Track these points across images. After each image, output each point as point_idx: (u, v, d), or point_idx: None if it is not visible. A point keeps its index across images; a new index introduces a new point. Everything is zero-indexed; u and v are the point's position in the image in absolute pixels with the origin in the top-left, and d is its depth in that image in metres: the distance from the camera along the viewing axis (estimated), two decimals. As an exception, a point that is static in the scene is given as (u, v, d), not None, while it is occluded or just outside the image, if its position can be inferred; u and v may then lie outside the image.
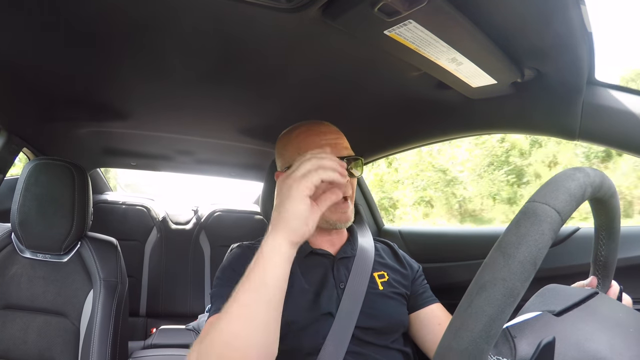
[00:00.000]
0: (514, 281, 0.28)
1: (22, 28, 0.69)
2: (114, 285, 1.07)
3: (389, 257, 0.90)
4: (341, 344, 0.71)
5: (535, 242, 0.29)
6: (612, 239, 0.44)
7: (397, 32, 0.57)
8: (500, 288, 0.27)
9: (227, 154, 1.65)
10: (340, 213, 0.79)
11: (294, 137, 0.84)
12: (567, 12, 0.54)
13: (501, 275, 0.28)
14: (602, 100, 0.67)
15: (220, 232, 2.04)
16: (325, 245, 0.84)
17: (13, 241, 1.08)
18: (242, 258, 0.79)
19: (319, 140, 0.79)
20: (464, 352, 0.27)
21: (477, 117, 0.90)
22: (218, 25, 0.65)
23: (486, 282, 0.28)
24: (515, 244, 0.29)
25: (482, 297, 0.28)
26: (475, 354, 0.26)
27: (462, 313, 0.28)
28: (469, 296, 0.29)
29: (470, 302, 0.28)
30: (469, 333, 0.27)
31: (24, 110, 1.13)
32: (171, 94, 1.00)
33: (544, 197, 0.31)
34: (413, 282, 0.87)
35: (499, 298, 0.27)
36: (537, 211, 0.30)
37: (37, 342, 1.01)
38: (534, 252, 0.28)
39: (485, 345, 0.27)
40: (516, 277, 0.28)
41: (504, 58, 0.65)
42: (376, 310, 0.77)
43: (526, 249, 0.28)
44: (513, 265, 0.28)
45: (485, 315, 0.27)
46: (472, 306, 0.28)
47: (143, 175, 3.23)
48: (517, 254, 0.28)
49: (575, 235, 0.86)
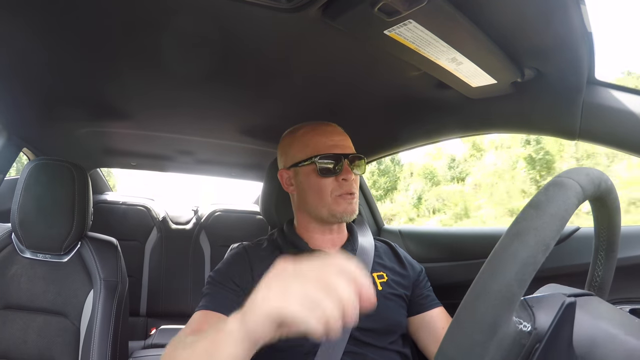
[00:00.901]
0: (545, 231, 0.30)
1: (22, 28, 0.69)
2: (114, 285, 1.07)
3: (389, 257, 0.90)
4: (339, 344, 0.72)
5: (563, 203, 0.32)
6: (610, 258, 0.45)
7: (397, 32, 0.57)
8: (533, 236, 0.30)
9: (227, 154, 1.65)
10: (346, 204, 0.80)
11: (300, 135, 0.85)
12: (567, 12, 0.54)
13: (533, 225, 0.30)
14: (602, 100, 0.67)
15: (220, 232, 2.05)
16: (325, 245, 0.84)
17: (13, 241, 1.08)
18: (237, 261, 0.80)
19: (325, 140, 0.81)
20: (497, 293, 0.28)
21: (477, 116, 0.90)
22: (218, 25, 0.65)
23: (520, 230, 0.30)
24: (545, 202, 0.32)
25: (516, 243, 0.30)
26: (508, 297, 0.28)
27: (497, 257, 0.30)
28: (504, 243, 0.30)
29: (505, 248, 0.30)
30: (504, 276, 0.28)
31: (24, 110, 1.13)
32: (171, 93, 1.00)
33: (569, 174, 0.35)
34: (416, 285, 0.87)
35: (531, 245, 0.29)
36: (563, 182, 0.34)
37: (37, 342, 1.01)
38: (562, 211, 0.31)
39: (517, 290, 0.28)
40: (547, 228, 0.30)
41: (504, 58, 0.65)
42: (374, 311, 0.76)
43: (555, 206, 0.31)
44: (545, 217, 0.31)
45: (520, 259, 0.29)
46: (507, 251, 0.30)
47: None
48: (548, 208, 0.31)
49: (575, 235, 0.86)
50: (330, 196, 0.80)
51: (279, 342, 0.72)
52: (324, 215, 0.82)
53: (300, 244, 0.83)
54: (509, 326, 0.33)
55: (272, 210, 1.04)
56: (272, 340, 0.62)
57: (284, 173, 0.87)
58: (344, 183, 0.79)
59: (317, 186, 0.81)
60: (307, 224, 0.85)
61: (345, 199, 0.80)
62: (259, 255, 0.82)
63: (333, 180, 0.80)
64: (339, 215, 0.80)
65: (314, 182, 0.81)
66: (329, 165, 0.79)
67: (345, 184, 0.79)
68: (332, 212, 0.80)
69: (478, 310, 0.29)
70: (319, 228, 0.84)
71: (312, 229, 0.85)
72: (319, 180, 0.80)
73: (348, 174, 0.79)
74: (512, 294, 0.28)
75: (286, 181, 0.87)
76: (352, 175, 0.79)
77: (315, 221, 0.84)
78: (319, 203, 0.82)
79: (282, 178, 0.88)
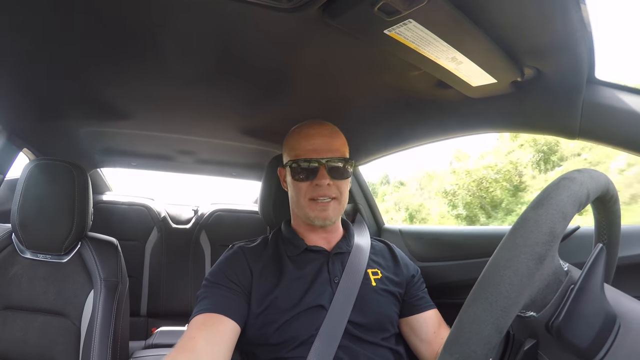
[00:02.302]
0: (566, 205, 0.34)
1: (22, 28, 0.69)
2: (114, 285, 1.07)
3: (386, 256, 0.91)
4: (334, 336, 0.73)
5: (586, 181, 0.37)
6: (611, 256, 0.46)
7: (397, 32, 0.57)
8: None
9: (227, 154, 1.65)
10: (318, 209, 0.81)
11: (289, 137, 0.87)
12: (567, 11, 0.54)
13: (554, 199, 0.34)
14: (602, 99, 0.67)
15: (220, 231, 2.04)
16: (320, 242, 0.86)
17: (13, 242, 1.08)
18: (234, 262, 0.81)
19: (306, 144, 0.82)
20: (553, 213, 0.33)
21: (477, 116, 0.90)
22: (218, 25, 0.65)
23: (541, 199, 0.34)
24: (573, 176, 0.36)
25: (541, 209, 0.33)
26: (555, 229, 0.32)
27: (532, 212, 0.34)
28: (531, 207, 0.34)
29: (536, 211, 0.34)
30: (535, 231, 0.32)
31: (24, 110, 1.13)
32: (171, 93, 1.00)
33: (573, 172, 0.38)
34: (410, 286, 0.88)
35: (566, 194, 0.34)
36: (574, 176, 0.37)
37: (37, 342, 1.01)
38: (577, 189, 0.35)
39: (561, 225, 0.32)
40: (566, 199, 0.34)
41: (504, 57, 0.65)
42: (366, 305, 0.79)
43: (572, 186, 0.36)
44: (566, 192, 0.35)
45: (564, 196, 0.33)
46: (536, 215, 0.33)
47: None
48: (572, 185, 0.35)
49: (575, 234, 0.86)
50: (304, 199, 0.82)
51: (274, 336, 0.73)
52: (302, 217, 0.84)
53: (297, 241, 0.85)
54: (554, 260, 0.36)
55: (270, 210, 1.04)
56: (267, 335, 0.62)
57: (282, 170, 0.90)
58: (317, 188, 0.80)
59: (295, 189, 0.83)
60: (300, 222, 0.87)
61: (317, 204, 0.81)
62: (256, 253, 0.83)
63: (308, 184, 0.81)
64: (312, 219, 0.82)
65: (293, 185, 0.83)
66: (305, 169, 0.81)
67: (318, 189, 0.80)
68: (307, 215, 0.82)
69: (539, 219, 0.32)
70: (310, 227, 0.85)
71: (305, 227, 0.86)
72: (296, 184, 0.83)
73: (322, 179, 0.79)
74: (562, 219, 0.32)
75: (283, 178, 0.90)
76: (327, 181, 0.80)
77: (303, 221, 0.85)
78: (296, 205, 0.85)
79: (280, 175, 0.92)
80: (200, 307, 0.73)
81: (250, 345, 0.77)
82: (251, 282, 0.78)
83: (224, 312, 0.71)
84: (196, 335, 0.66)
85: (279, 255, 0.83)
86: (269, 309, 0.75)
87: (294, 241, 0.85)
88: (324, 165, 0.80)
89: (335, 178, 0.81)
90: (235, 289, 0.76)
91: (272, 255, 0.83)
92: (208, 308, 0.72)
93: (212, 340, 0.67)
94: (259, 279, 0.78)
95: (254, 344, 0.77)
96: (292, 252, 0.83)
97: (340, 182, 0.82)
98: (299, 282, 0.78)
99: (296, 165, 0.81)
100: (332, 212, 0.82)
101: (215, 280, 0.77)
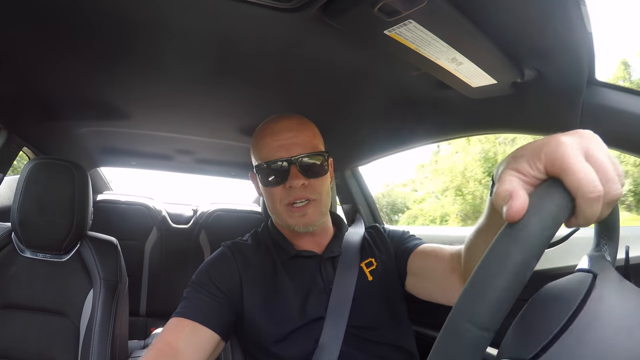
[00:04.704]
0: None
1: (22, 28, 0.69)
2: (114, 285, 1.07)
3: (377, 240, 0.85)
4: (334, 345, 0.69)
5: None
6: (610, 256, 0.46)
7: (397, 32, 0.57)
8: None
9: (226, 154, 1.65)
10: (297, 217, 0.72)
11: (254, 137, 0.79)
12: (567, 12, 0.54)
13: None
14: (602, 100, 0.67)
15: (220, 231, 2.04)
16: (309, 245, 0.79)
17: (13, 241, 1.08)
18: (221, 264, 0.76)
19: (271, 141, 0.73)
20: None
21: (477, 116, 0.90)
22: (218, 24, 0.65)
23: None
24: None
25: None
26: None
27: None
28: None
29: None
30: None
31: (24, 110, 1.13)
32: (171, 93, 1.00)
33: None
34: (398, 247, 0.81)
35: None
36: None
37: (37, 342, 1.01)
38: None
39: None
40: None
41: (504, 58, 0.65)
42: (364, 305, 0.74)
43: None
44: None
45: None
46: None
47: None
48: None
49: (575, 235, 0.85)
50: (280, 205, 0.73)
51: (274, 349, 0.70)
52: (283, 225, 0.76)
53: (286, 245, 0.79)
54: None
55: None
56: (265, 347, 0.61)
57: (253, 176, 0.80)
58: (291, 190, 0.71)
59: (268, 195, 0.75)
60: (284, 229, 0.79)
61: (295, 209, 0.72)
62: (246, 256, 0.78)
63: (281, 188, 0.72)
64: (293, 227, 0.73)
65: (265, 191, 0.75)
66: (274, 171, 0.72)
67: (292, 192, 0.71)
68: (287, 224, 0.74)
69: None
70: (294, 233, 0.77)
71: (291, 233, 0.78)
72: (268, 190, 0.74)
73: (295, 180, 0.70)
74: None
75: (255, 185, 0.81)
76: (301, 181, 0.70)
77: (286, 228, 0.78)
78: (274, 213, 0.76)
79: (253, 181, 0.82)
80: (179, 309, 0.69)
81: (251, 350, 0.76)
82: (241, 292, 0.73)
83: (199, 320, 0.67)
84: (173, 340, 0.64)
85: (270, 260, 0.77)
86: (263, 322, 0.71)
87: (283, 245, 0.78)
88: (294, 164, 0.70)
89: (309, 177, 0.71)
90: (219, 296, 0.71)
91: (263, 259, 0.78)
92: (184, 312, 0.68)
93: (191, 346, 0.64)
94: (250, 288, 0.73)
95: (255, 351, 0.74)
96: (283, 257, 0.77)
97: (317, 180, 0.72)
98: (294, 295, 0.73)
99: (264, 168, 0.72)
100: (314, 216, 0.72)
101: (199, 282, 0.73)
